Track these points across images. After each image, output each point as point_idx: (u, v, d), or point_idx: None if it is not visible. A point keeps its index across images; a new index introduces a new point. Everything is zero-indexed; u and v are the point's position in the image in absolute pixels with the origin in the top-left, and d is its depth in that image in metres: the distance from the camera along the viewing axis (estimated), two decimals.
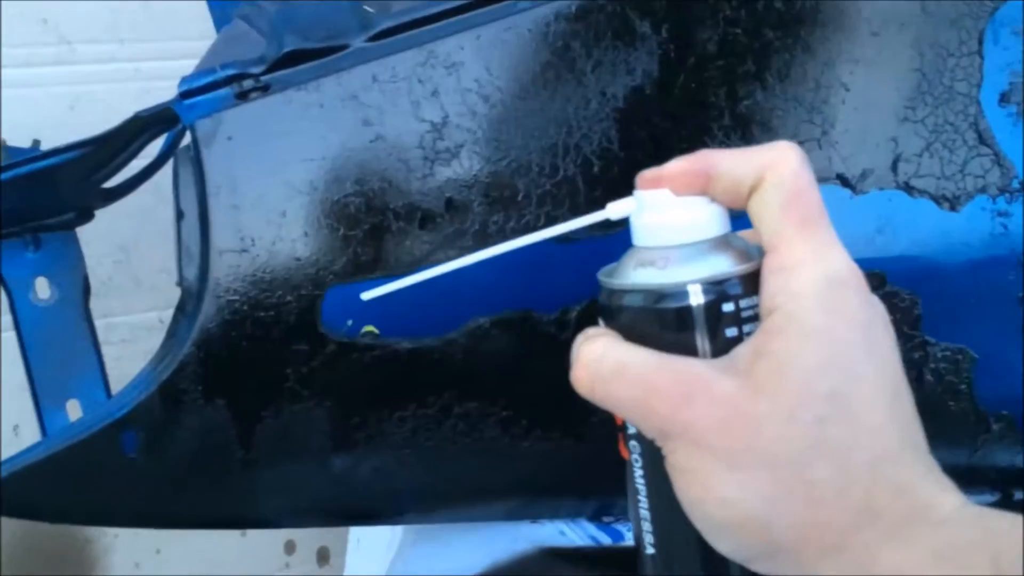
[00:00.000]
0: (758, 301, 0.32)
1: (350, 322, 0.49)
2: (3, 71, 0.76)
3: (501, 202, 0.49)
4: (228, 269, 0.48)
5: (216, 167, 0.48)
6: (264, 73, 0.50)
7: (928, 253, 0.52)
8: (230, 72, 0.50)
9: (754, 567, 0.31)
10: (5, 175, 0.51)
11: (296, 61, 0.50)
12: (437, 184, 0.48)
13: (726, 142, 0.49)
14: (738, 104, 0.49)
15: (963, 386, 0.54)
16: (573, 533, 0.56)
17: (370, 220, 0.48)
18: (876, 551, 0.29)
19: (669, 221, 0.33)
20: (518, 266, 0.49)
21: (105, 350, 0.73)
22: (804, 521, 0.29)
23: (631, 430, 0.34)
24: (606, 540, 0.55)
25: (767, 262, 0.32)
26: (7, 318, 0.80)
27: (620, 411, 0.33)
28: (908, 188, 0.51)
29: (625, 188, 0.36)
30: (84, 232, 0.58)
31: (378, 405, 0.50)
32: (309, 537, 0.98)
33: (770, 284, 0.31)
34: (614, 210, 0.35)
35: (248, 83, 0.49)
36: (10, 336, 0.58)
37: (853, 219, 0.51)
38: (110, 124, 0.52)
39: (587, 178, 0.49)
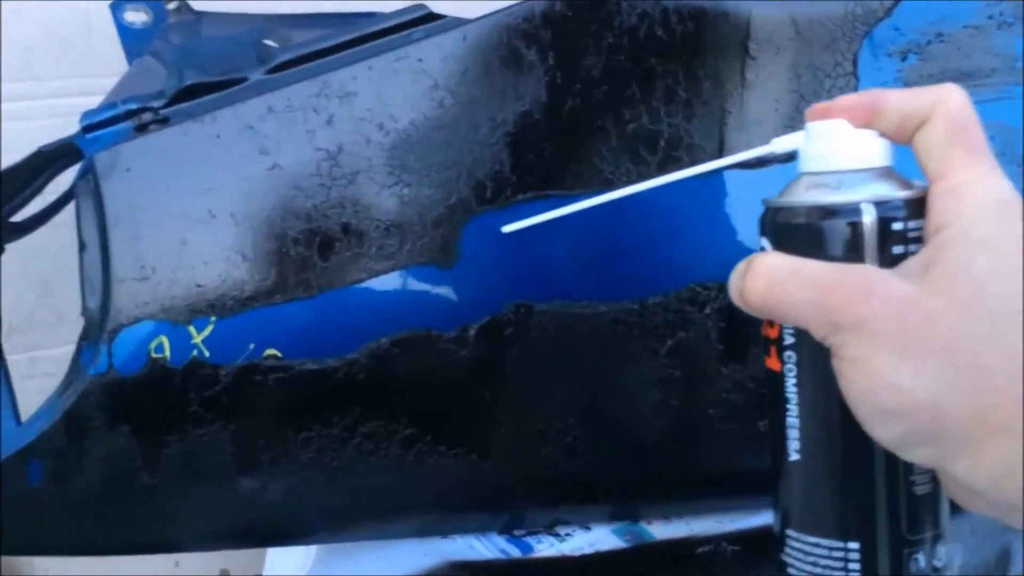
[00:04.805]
0: (923, 224, 0.35)
1: (252, 345, 0.50)
2: None
3: (396, 226, 0.50)
4: (128, 297, 0.49)
5: (115, 198, 0.49)
6: (164, 107, 0.52)
7: None
8: (131, 106, 0.51)
9: (908, 454, 0.33)
10: None
11: (197, 94, 0.52)
12: (334, 210, 0.50)
13: (614, 164, 0.51)
14: (626, 127, 0.51)
15: None
16: (483, 546, 0.57)
17: (269, 246, 0.50)
18: None
19: (841, 147, 0.36)
20: (415, 288, 0.51)
21: (29, 384, 0.74)
22: (975, 402, 0.31)
23: (788, 340, 0.36)
24: (516, 552, 0.56)
25: (935, 188, 0.34)
26: None
27: (791, 313, 0.34)
28: None
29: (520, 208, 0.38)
30: (5, 268, 0.59)
31: (283, 426, 0.51)
32: (243, 565, 0.97)
33: (938, 206, 0.34)
34: (780, 144, 0.38)
35: (147, 116, 0.51)
36: None
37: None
38: None
39: (480, 199, 0.50)
